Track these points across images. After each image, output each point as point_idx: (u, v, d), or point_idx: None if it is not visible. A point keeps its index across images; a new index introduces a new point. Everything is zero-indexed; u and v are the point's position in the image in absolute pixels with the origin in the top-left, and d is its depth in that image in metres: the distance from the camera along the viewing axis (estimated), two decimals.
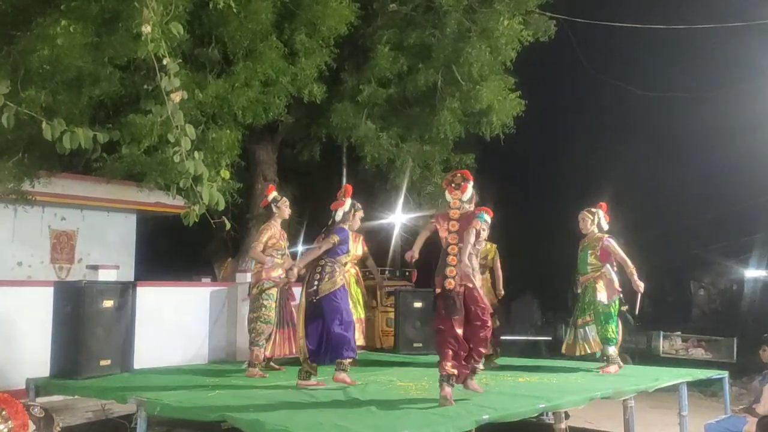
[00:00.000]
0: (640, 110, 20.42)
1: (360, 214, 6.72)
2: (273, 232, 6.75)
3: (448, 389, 4.53)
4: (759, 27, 11.27)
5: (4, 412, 1.68)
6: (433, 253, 6.66)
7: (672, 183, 20.70)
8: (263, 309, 6.50)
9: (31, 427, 1.75)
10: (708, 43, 16.02)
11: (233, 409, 4.35)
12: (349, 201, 6.10)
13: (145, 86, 7.53)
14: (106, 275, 8.86)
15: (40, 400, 6.03)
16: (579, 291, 7.10)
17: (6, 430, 1.68)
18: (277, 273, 6.60)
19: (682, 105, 17.61)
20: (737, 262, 22.15)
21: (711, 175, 19.47)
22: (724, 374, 6.76)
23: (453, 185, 5.15)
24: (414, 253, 5.19)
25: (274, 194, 6.88)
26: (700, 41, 15.78)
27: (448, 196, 5.15)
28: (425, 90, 10.45)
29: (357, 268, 7.65)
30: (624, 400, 5.50)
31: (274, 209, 6.82)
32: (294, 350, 6.42)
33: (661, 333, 13.43)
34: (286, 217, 6.97)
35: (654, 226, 22.04)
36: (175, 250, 14.90)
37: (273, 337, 6.56)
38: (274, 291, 6.58)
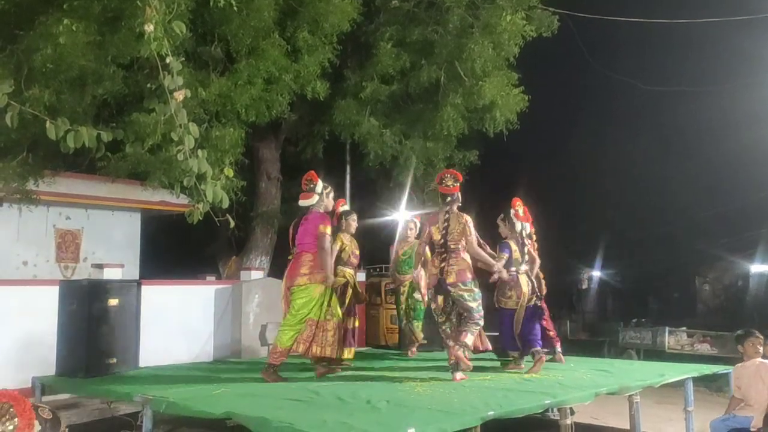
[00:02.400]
0: (646, 105, 20.39)
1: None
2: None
3: None
4: (765, 20, 11.22)
5: (12, 410, 1.68)
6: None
7: (677, 178, 20.66)
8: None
9: (37, 427, 1.74)
10: (713, 37, 15.94)
11: (239, 407, 4.35)
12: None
13: (149, 85, 7.54)
14: (111, 274, 8.86)
15: (46, 398, 6.06)
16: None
17: (12, 426, 1.68)
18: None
19: (687, 99, 17.54)
20: (742, 257, 22.10)
21: (716, 170, 19.41)
22: (730, 369, 6.72)
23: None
24: None
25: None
26: (705, 35, 15.69)
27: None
28: (428, 86, 10.44)
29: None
30: (630, 396, 5.49)
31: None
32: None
33: (667, 329, 13.39)
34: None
35: (659, 222, 22.02)
36: (179, 248, 14.92)
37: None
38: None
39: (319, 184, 6.24)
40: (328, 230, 6.04)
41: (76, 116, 6.91)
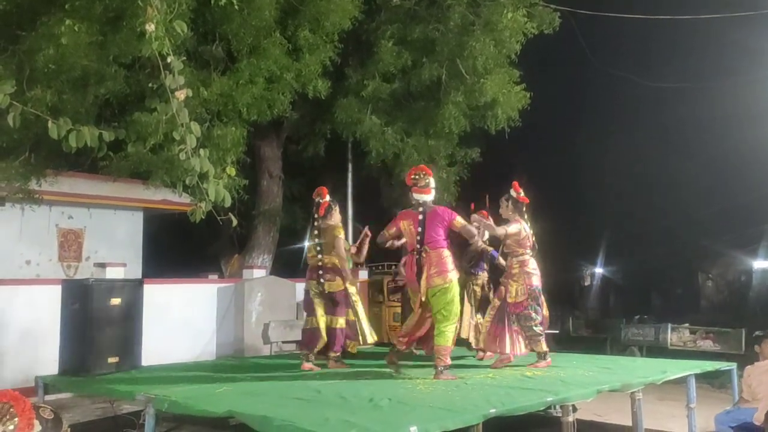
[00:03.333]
0: (647, 101, 20.32)
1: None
2: None
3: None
4: (767, 16, 11.18)
5: (12, 409, 1.70)
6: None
7: (679, 174, 20.59)
8: None
9: (37, 427, 1.75)
10: (716, 34, 15.90)
11: (241, 405, 4.36)
12: None
13: (150, 84, 7.54)
14: (113, 273, 8.90)
15: (49, 397, 6.08)
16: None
17: (12, 426, 1.69)
18: None
19: (689, 96, 17.49)
20: (745, 253, 22.04)
21: (719, 165, 19.35)
22: (733, 366, 6.72)
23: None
24: None
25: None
26: (708, 31, 15.66)
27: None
28: (429, 84, 10.44)
29: None
30: (632, 393, 5.48)
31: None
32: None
33: (669, 325, 13.36)
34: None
35: (662, 218, 21.97)
36: (181, 247, 14.96)
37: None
38: None
39: (432, 179, 6.12)
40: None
41: (78, 116, 6.93)
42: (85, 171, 10.55)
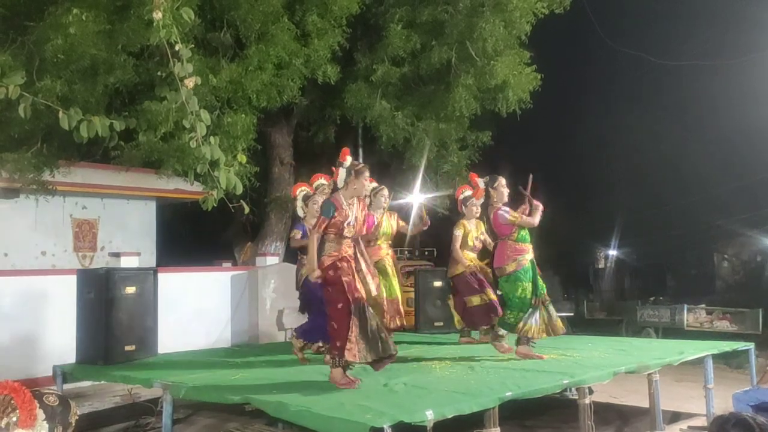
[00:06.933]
0: (660, 80, 20.10)
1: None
2: None
3: None
4: None
5: (12, 401, 1.67)
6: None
7: (693, 153, 20.36)
8: None
9: (41, 415, 1.72)
10: (730, 8, 15.63)
11: (257, 392, 4.38)
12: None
13: (159, 73, 7.50)
14: (128, 262, 8.95)
15: (68, 386, 6.14)
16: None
17: (15, 418, 1.67)
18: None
19: (703, 73, 17.24)
20: (761, 232, 21.80)
21: (733, 144, 19.10)
22: (750, 346, 6.67)
23: None
24: None
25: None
26: (721, 7, 15.40)
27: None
28: (439, 67, 10.34)
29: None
30: (649, 374, 5.45)
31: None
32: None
33: (686, 306, 13.26)
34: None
35: (676, 198, 21.77)
36: (195, 235, 15.02)
37: None
38: None
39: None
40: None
41: (88, 106, 6.94)
42: (97, 161, 10.58)
